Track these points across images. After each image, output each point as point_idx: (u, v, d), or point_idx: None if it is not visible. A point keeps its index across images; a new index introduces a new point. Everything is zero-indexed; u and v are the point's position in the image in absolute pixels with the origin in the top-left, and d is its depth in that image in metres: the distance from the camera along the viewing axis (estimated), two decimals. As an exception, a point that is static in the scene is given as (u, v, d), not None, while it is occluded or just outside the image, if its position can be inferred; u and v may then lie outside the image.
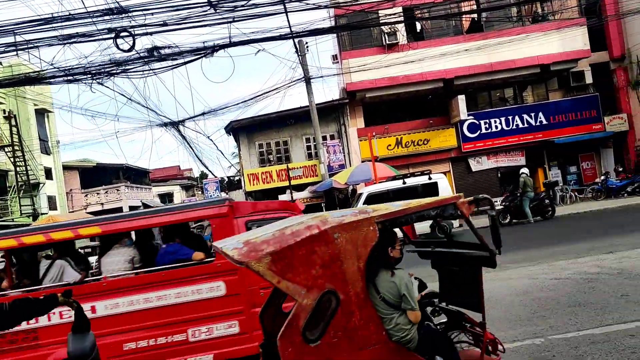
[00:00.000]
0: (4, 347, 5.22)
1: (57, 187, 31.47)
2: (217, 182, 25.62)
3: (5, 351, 5.23)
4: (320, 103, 23.43)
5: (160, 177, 53.77)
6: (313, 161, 23.47)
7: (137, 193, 37.41)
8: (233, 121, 23.60)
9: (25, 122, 28.20)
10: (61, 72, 10.15)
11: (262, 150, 24.28)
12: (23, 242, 5.44)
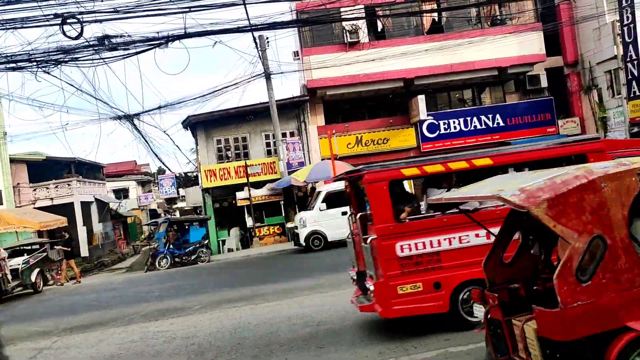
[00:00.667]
0: (411, 269, 5.80)
1: (3, 181, 30.04)
2: (173, 178, 24.96)
3: (412, 272, 5.80)
4: (281, 99, 23.11)
5: (115, 172, 52.20)
6: (272, 158, 23.14)
7: (89, 188, 36.11)
8: (191, 116, 22.98)
9: (-30, 112, 26.81)
10: (3, 58, 9.54)
11: (220, 146, 23.76)
12: (425, 171, 6.14)
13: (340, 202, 16.96)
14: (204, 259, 19.29)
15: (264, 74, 21.48)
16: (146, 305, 10.55)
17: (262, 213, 22.76)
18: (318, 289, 9.64)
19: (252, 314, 8.41)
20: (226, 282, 12.85)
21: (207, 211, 23.14)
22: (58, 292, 16.58)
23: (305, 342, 6.37)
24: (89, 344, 7.92)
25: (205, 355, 6.41)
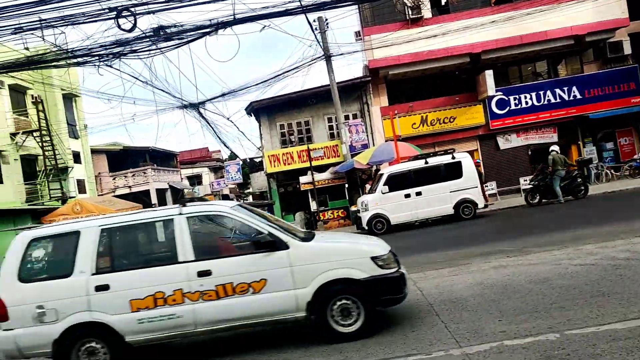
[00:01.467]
0: None
1: (85, 170, 31.86)
2: (239, 164, 25.40)
3: None
4: (342, 81, 22.83)
5: (188, 160, 54.09)
6: (335, 141, 22.98)
7: (164, 176, 37.65)
8: (253, 102, 23.25)
9: (53, 107, 28.49)
10: (68, 54, 9.92)
11: (283, 131, 23.89)
12: None
13: (404, 184, 16.58)
14: (270, 243, 19.48)
15: (324, 56, 21.22)
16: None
17: (327, 197, 22.69)
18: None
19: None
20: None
21: (273, 196, 23.38)
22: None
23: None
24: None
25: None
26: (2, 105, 24.93)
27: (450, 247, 11.37)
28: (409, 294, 7.42)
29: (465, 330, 5.55)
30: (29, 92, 27.42)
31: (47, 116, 26.64)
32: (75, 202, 23.59)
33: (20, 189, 25.51)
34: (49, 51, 9.53)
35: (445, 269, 8.94)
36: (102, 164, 34.76)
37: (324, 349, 5.71)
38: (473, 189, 16.54)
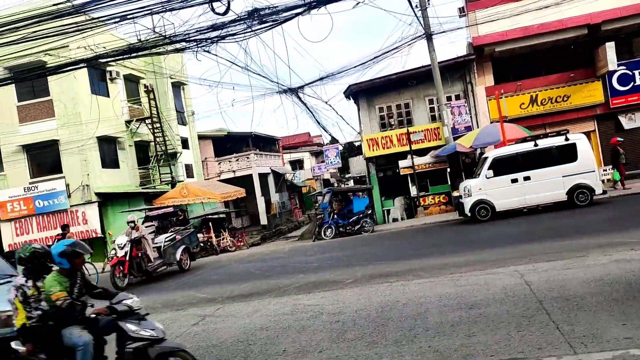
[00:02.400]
0: None
1: (193, 155, 33.43)
2: (338, 149, 25.26)
3: None
4: (444, 61, 21.79)
5: (290, 145, 55.07)
6: (436, 124, 22.05)
7: (266, 160, 38.54)
8: (352, 85, 22.90)
9: (163, 95, 30.04)
10: (166, 40, 10.20)
11: (382, 114, 23.34)
12: None
13: (510, 169, 15.51)
14: (368, 229, 19.23)
15: (425, 34, 20.32)
16: (302, 277, 10.70)
17: (427, 181, 21.91)
18: (477, 266, 8.79)
19: (403, 291, 7.92)
20: (383, 254, 12.55)
21: (371, 180, 23.01)
22: (233, 258, 17.87)
23: (454, 328, 5.71)
24: (246, 313, 8.18)
25: (346, 335, 6.11)
26: (118, 95, 26.68)
27: (562, 237, 10.37)
28: (515, 288, 6.80)
29: (582, 333, 4.90)
30: (141, 81, 29.11)
31: (158, 104, 28.14)
32: (183, 186, 24.79)
33: (134, 173, 27.27)
34: (149, 38, 9.88)
35: (557, 261, 8.12)
36: (208, 149, 36.27)
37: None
38: (589, 174, 15.08)
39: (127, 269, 13.30)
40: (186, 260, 15.75)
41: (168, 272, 15.48)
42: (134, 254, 13.49)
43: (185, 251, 15.79)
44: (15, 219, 23.95)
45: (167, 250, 14.90)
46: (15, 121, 24.08)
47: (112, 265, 13.45)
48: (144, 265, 13.67)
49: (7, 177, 24.38)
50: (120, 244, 13.55)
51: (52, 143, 23.89)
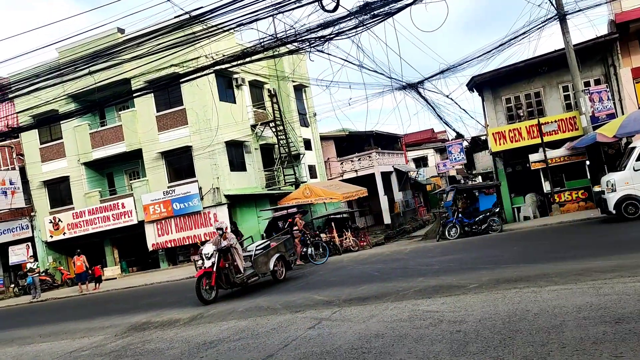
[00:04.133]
0: None
1: (315, 156, 34.03)
2: (461, 144, 24.13)
3: None
4: (580, 43, 19.83)
5: (413, 142, 54.05)
6: (572, 113, 20.11)
7: (388, 159, 38.12)
8: (475, 76, 21.72)
9: (286, 99, 30.94)
10: (279, 42, 10.28)
11: (509, 106, 21.84)
12: None
13: (665, 160, 13.61)
14: (496, 228, 18.06)
15: (557, 15, 18.62)
16: (422, 280, 10.19)
17: (562, 176, 20.08)
18: (624, 272, 7.68)
19: (534, 299, 7.12)
20: (512, 257, 11.58)
21: (499, 176, 21.64)
22: (354, 259, 17.73)
23: (596, 346, 4.92)
24: (362, 318, 7.90)
25: (468, 348, 5.56)
26: (244, 100, 27.91)
27: None
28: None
29: None
30: (265, 86, 30.22)
31: (281, 107, 29.02)
32: (305, 187, 25.25)
33: (260, 175, 28.36)
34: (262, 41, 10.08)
35: None
36: (330, 150, 36.72)
37: None
38: None
39: (215, 281, 12.34)
40: (281, 270, 14.45)
41: (294, 275, 15.71)
42: (222, 265, 12.52)
43: (280, 259, 14.47)
44: (156, 220, 26.03)
45: (258, 260, 13.64)
46: (154, 130, 26.19)
47: (199, 277, 12.35)
48: (232, 277, 12.61)
49: (149, 182, 26.58)
50: (207, 253, 12.45)
51: (186, 149, 25.62)
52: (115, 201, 27.25)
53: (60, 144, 28.77)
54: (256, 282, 13.93)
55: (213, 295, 12.29)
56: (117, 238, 28.66)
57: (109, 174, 29.58)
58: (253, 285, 13.68)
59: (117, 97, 20.06)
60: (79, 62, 12.34)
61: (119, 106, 28.17)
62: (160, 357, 7.57)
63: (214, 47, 18.29)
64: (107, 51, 11.89)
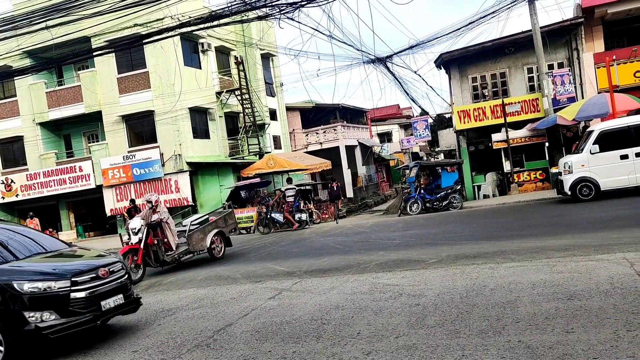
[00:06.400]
0: None
1: (280, 127, 33.71)
2: (426, 121, 24.29)
3: None
4: (546, 25, 20.07)
5: (378, 117, 54.16)
6: (535, 94, 20.47)
7: (353, 132, 38.11)
8: (443, 53, 21.76)
9: (253, 67, 30.35)
10: (248, 7, 9.97)
11: (475, 85, 22.04)
12: None
13: (620, 143, 14.03)
14: (456, 205, 18.38)
15: (526, -4, 18.73)
16: (383, 254, 10.29)
17: (522, 157, 20.52)
18: (577, 251, 7.93)
19: (491, 275, 7.28)
20: (471, 234, 11.82)
21: (462, 155, 21.95)
22: (316, 231, 17.78)
23: (548, 321, 5.06)
24: (322, 289, 7.93)
25: (426, 321, 5.64)
26: (210, 66, 27.25)
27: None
28: (623, 278, 5.98)
29: None
30: (232, 53, 29.55)
31: (247, 75, 28.47)
32: (270, 157, 25.04)
33: (224, 143, 27.94)
34: (230, 5, 9.75)
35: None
36: (296, 121, 36.43)
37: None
38: None
39: (141, 259, 11.20)
40: (220, 247, 13.19)
41: (253, 245, 15.65)
42: (150, 242, 11.36)
43: (219, 235, 13.13)
44: (115, 185, 25.43)
45: (193, 236, 12.29)
46: (115, 92, 25.36)
47: (123, 253, 10.94)
48: (162, 255, 11.47)
49: (108, 145, 25.85)
50: (135, 228, 11.17)
51: (148, 113, 24.95)
52: (73, 164, 26.42)
53: (14, 102, 27.56)
54: (190, 259, 12.93)
55: (140, 274, 11.17)
56: (74, 202, 27.91)
57: (66, 135, 28.61)
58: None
59: (76, 55, 19.24)
60: (35, 15, 11.71)
61: (77, 65, 27.10)
62: (115, 324, 7.43)
63: (179, 8, 17.69)
64: (66, 5, 11.31)
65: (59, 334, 5.72)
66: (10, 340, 5.64)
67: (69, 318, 5.83)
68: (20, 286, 5.69)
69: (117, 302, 6.42)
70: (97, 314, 6.09)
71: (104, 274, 6.29)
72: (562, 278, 6.51)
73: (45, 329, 5.63)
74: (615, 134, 14.15)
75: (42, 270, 6.04)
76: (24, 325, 5.61)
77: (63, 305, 5.82)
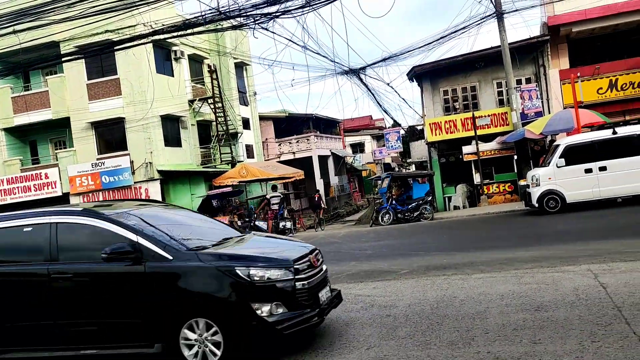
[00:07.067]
0: None
1: (253, 136, 33.59)
2: (399, 132, 24.56)
3: None
4: (515, 42, 20.59)
5: (351, 127, 54.49)
6: (504, 108, 20.92)
7: (326, 143, 38.24)
8: (416, 66, 22.09)
9: (226, 75, 30.21)
10: (222, 15, 9.96)
11: (447, 97, 22.41)
12: None
13: (585, 158, 14.43)
14: (427, 216, 18.59)
15: (495, 13, 19.20)
16: (355, 264, 10.34)
17: (492, 169, 20.91)
18: (544, 262, 8.11)
19: (461, 286, 7.38)
20: (441, 245, 11.97)
21: (433, 166, 22.24)
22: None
23: (517, 332, 5.16)
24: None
25: (397, 332, 5.68)
26: (182, 74, 27.02)
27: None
28: (588, 290, 6.14)
29: (670, 350, 4.24)
30: (205, 61, 29.38)
31: (221, 84, 28.33)
32: (242, 167, 24.90)
33: (196, 152, 27.67)
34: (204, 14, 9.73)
35: (637, 261, 7.32)
36: (269, 130, 36.36)
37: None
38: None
39: None
40: None
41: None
42: None
43: None
44: (83, 193, 24.91)
45: None
46: (85, 99, 24.90)
47: None
48: None
49: (76, 152, 25.33)
50: None
51: (119, 121, 24.56)
52: (38, 171, 25.77)
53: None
54: None
55: None
56: (39, 210, 27.18)
57: (32, 142, 27.91)
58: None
59: (44, 60, 18.86)
60: (2, 19, 11.45)
61: (46, 70, 26.54)
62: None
63: (152, 16, 17.53)
64: (35, 9, 11.10)
65: (292, 330, 4.93)
66: (233, 335, 4.88)
67: (297, 312, 5.03)
68: (245, 273, 4.92)
69: (327, 295, 5.63)
70: (322, 308, 5.30)
71: (315, 262, 5.51)
72: (529, 289, 6.64)
73: (277, 323, 4.86)
74: (580, 148, 14.54)
75: (263, 256, 5.26)
76: (250, 319, 4.85)
77: (290, 297, 5.03)
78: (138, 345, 5.13)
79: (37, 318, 5.43)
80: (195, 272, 5.01)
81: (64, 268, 5.33)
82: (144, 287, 5.10)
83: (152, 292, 5.06)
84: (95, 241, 5.31)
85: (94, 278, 5.33)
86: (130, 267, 5.11)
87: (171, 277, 5.06)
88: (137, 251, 5.10)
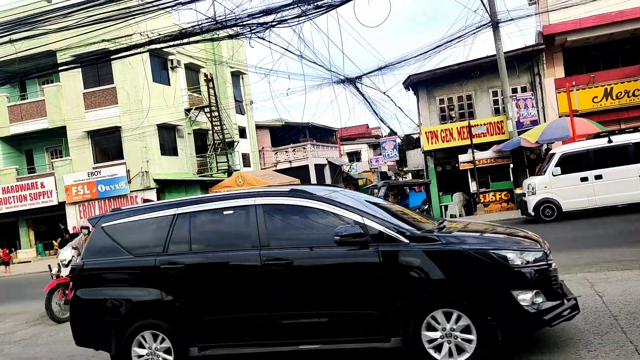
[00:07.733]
0: None
1: (250, 145, 33.63)
2: (395, 141, 24.61)
3: None
4: (510, 51, 20.70)
5: (347, 136, 54.58)
6: (500, 117, 20.99)
7: (323, 151, 38.29)
8: (412, 75, 22.17)
9: (222, 84, 30.32)
10: (219, 25, 9.98)
11: (443, 106, 22.49)
12: None
13: (580, 166, 14.45)
14: (423, 224, 18.53)
15: (491, 23, 19.30)
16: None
17: (488, 177, 20.94)
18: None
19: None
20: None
21: (429, 175, 22.27)
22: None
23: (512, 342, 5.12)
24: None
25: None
26: (179, 83, 27.09)
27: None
28: (584, 298, 6.11)
29: (666, 360, 4.21)
30: (202, 70, 29.47)
31: (217, 93, 28.39)
32: (238, 175, 24.91)
33: (192, 161, 27.68)
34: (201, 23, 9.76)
35: (634, 270, 7.30)
36: (265, 139, 36.41)
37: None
38: (673, 173, 13.83)
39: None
40: None
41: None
42: None
43: None
44: (79, 202, 24.85)
45: None
46: (81, 107, 24.92)
47: (50, 289, 9.30)
48: None
49: (73, 161, 25.30)
50: (65, 260, 9.53)
51: (115, 130, 24.57)
52: (34, 180, 25.74)
53: (-26, 116, 26.80)
54: None
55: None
56: (34, 219, 27.10)
57: (28, 151, 27.90)
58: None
59: (40, 69, 18.86)
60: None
61: (42, 79, 26.58)
62: (73, 346, 7.18)
63: (149, 25, 17.58)
64: (31, 19, 11.12)
65: (558, 321, 4.45)
66: (489, 329, 4.31)
67: (556, 301, 4.48)
68: (503, 256, 4.36)
69: None
70: (571, 297, 4.66)
71: (548, 248, 4.89)
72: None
73: (543, 312, 4.32)
74: (576, 157, 14.56)
75: (511, 239, 4.70)
76: (512, 310, 4.29)
77: (547, 284, 4.47)
78: (371, 339, 4.62)
79: (247, 310, 4.93)
80: (443, 256, 4.47)
81: (280, 254, 4.83)
82: (379, 275, 4.56)
83: (388, 280, 4.53)
84: (311, 224, 4.87)
85: (318, 265, 4.80)
86: (362, 252, 4.60)
87: (411, 262, 4.53)
88: (367, 234, 4.62)
